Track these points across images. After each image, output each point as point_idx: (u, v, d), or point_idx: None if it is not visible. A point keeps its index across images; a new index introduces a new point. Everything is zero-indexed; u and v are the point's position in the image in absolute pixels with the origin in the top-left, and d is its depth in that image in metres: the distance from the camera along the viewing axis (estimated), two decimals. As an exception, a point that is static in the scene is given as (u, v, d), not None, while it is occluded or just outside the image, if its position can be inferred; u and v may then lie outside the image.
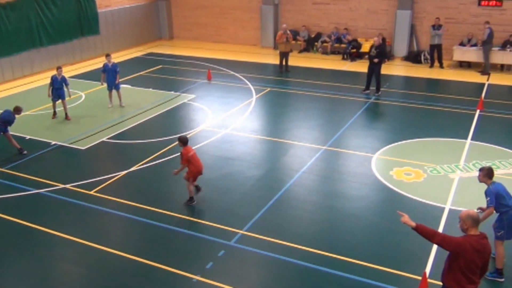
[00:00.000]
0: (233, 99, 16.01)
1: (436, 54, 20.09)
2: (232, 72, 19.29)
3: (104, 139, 12.90)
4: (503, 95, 16.16)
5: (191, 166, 9.36)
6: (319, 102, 15.83)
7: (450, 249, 5.34)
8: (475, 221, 5.31)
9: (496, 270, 7.41)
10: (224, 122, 13.98)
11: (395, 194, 9.83)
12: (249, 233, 8.59)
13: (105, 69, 15.22)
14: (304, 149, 12.11)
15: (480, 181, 7.49)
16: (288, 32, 19.55)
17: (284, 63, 19.50)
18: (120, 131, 13.44)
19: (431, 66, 20.09)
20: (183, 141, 9.40)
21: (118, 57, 21.67)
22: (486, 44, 18.72)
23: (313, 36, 23.32)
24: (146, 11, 25.34)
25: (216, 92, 16.81)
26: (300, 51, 23.04)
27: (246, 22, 24.80)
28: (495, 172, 7.67)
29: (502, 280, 7.39)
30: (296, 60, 21.02)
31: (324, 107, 15.38)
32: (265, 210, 9.32)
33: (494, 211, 7.29)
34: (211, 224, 8.90)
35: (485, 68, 18.94)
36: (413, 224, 5.48)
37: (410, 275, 7.43)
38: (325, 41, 23.03)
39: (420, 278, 7.19)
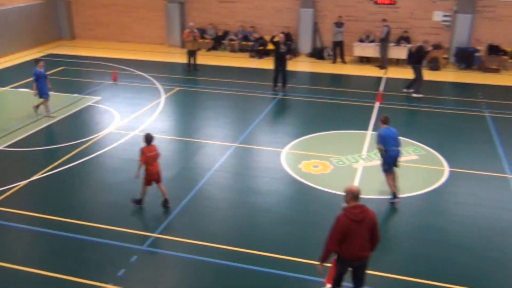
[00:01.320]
0: (141, 100, 15.61)
1: (338, 50, 21.01)
2: (139, 72, 18.81)
3: (1, 147, 12.02)
4: (400, 87, 17.27)
5: (148, 166, 9.07)
6: (228, 100, 15.90)
7: (337, 234, 6.06)
8: (354, 195, 6.08)
9: (393, 194, 9.49)
10: (132, 124, 13.60)
11: (304, 187, 10.14)
12: (163, 236, 8.44)
13: (38, 76, 13.82)
14: (215, 147, 12.11)
15: (379, 126, 9.52)
16: (195, 30, 19.43)
17: (192, 61, 19.36)
18: (20, 138, 12.59)
19: (334, 61, 20.97)
20: (147, 139, 9.09)
21: (13, 60, 20.27)
22: (384, 41, 19.90)
23: (220, 34, 23.37)
24: (43, 10, 23.89)
25: (123, 93, 16.30)
26: (208, 50, 23.00)
27: (151, 20, 24.28)
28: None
29: (399, 200, 9.45)
30: (204, 59, 20.96)
31: (234, 104, 15.47)
32: (178, 211, 9.21)
33: (382, 148, 9.33)
34: (122, 229, 8.62)
35: (382, 63, 20.14)
36: (319, 262, 6.35)
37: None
38: (232, 39, 23.18)
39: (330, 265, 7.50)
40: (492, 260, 7.81)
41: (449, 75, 19.79)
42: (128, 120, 13.89)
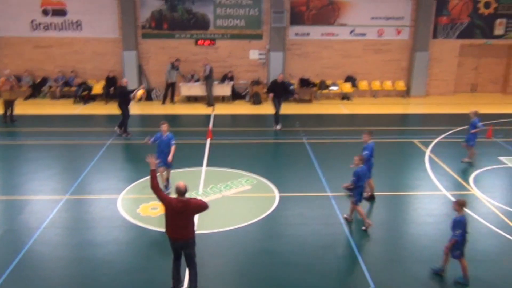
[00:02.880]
0: None
1: (171, 91, 21.32)
2: None
3: None
4: (227, 122, 18.15)
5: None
6: (53, 150, 14.95)
7: (161, 202, 7.71)
8: (178, 191, 7.62)
9: (365, 223, 10.00)
10: None
11: (145, 231, 9.93)
12: (-12, 310, 7.47)
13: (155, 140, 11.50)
14: (43, 202, 11.24)
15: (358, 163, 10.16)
16: (13, 77, 17.96)
17: (9, 112, 17.79)
18: None
19: (164, 102, 21.20)
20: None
21: None
22: (208, 79, 20.79)
23: (38, 81, 21.98)
24: None
25: None
26: (26, 98, 21.43)
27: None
28: (227, 193, 8.43)
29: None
30: (22, 108, 19.45)
31: (60, 154, 14.63)
32: (5, 278, 8.26)
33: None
34: None
35: (209, 100, 21.00)
36: (152, 167, 7.88)
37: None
38: (52, 86, 21.96)
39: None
40: (318, 273, 8.52)
41: (269, 107, 21.41)
42: None
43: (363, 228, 9.98)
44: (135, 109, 20.37)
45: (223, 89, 21.67)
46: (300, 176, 12.91)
